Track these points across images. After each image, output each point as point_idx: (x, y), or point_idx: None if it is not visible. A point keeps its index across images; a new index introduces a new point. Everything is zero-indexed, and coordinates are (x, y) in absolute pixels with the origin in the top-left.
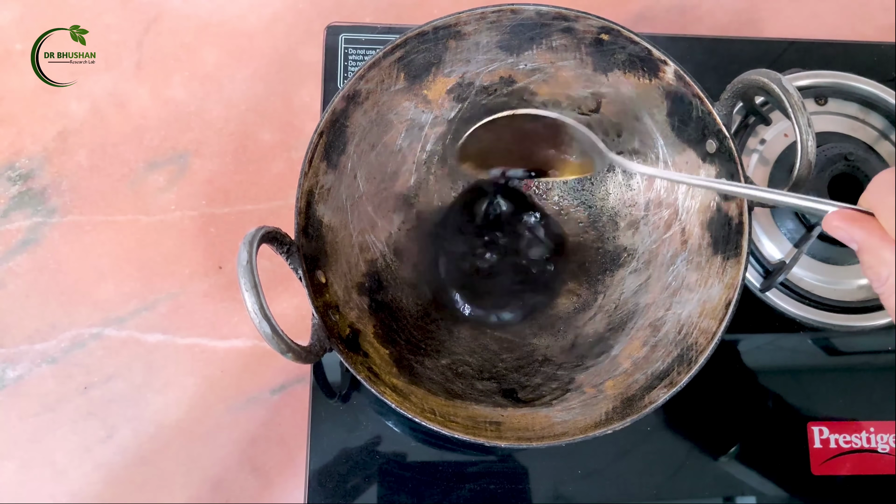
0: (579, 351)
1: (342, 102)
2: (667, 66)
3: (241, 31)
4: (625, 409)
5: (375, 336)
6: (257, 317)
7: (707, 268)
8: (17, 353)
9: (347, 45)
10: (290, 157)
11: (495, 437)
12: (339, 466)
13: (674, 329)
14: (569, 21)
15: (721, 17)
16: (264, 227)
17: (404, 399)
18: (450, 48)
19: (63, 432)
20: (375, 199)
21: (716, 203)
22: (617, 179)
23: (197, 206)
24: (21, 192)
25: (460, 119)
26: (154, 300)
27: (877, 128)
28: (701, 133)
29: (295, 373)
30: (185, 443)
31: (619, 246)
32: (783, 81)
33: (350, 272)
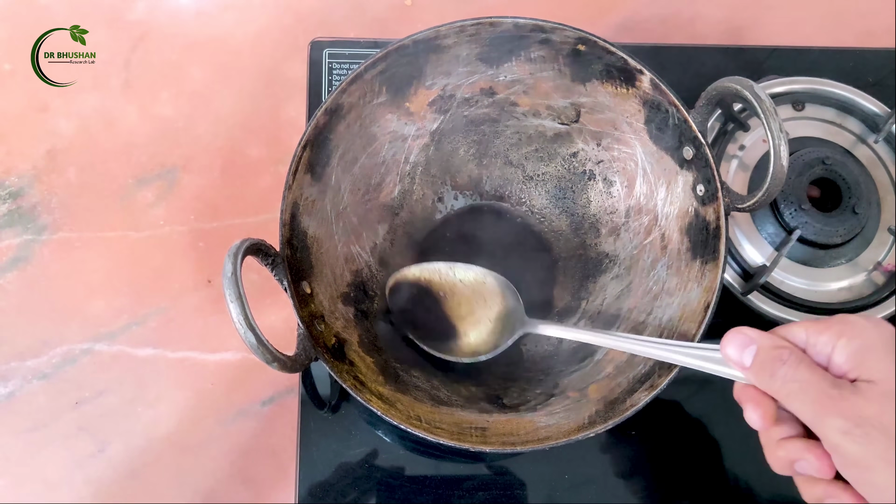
0: (563, 356)
1: (325, 116)
2: (643, 75)
3: (228, 47)
4: (607, 413)
5: (361, 345)
6: (242, 327)
7: (686, 272)
8: (9, 370)
9: (331, 59)
10: (277, 171)
11: (480, 442)
12: (330, 477)
13: (655, 333)
14: (546, 33)
15: (702, 27)
16: (249, 240)
17: (390, 406)
18: (430, 61)
19: (55, 448)
20: (360, 210)
21: (694, 208)
22: (598, 187)
23: (186, 221)
24: (11, 211)
25: (442, 130)
26: (144, 315)
27: (854, 132)
28: (678, 140)
29: (284, 384)
30: (177, 456)
31: (601, 252)
32: (755, 88)
33: (335, 282)
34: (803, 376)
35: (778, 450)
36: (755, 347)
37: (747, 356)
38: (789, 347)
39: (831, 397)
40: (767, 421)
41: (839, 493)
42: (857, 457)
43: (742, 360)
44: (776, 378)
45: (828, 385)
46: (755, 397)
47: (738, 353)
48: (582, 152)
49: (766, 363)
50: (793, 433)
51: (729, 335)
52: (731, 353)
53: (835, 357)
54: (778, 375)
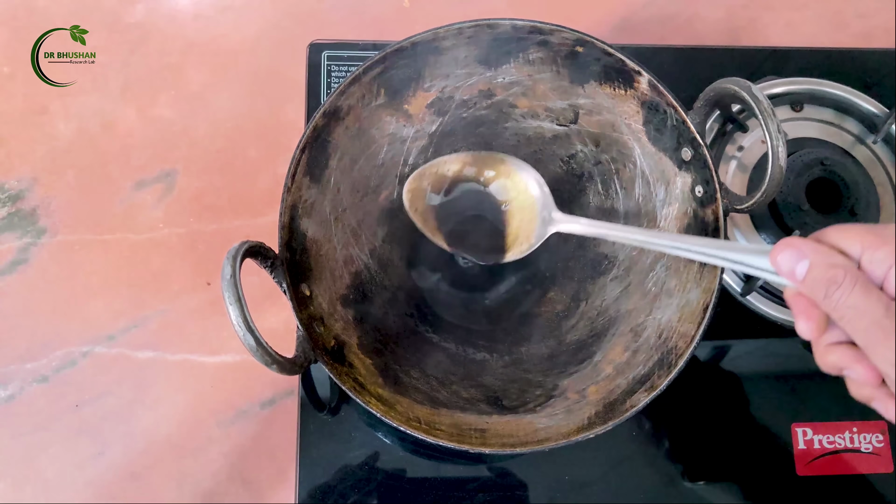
0: (563, 358)
1: (323, 119)
2: (641, 76)
3: (226, 50)
4: (607, 414)
5: (360, 347)
6: (241, 329)
7: (685, 273)
8: (8, 373)
9: (330, 61)
10: (276, 173)
11: (480, 443)
12: (329, 478)
13: (654, 334)
14: (544, 34)
15: (700, 28)
16: (248, 242)
17: (390, 408)
18: (429, 63)
19: (55, 450)
20: (359, 213)
21: (692, 209)
22: (596, 188)
23: (185, 223)
24: (10, 214)
25: (441, 132)
26: (143, 317)
27: (852, 132)
28: (676, 141)
29: (284, 386)
30: (176, 458)
31: (600, 254)
32: (753, 89)
33: (335, 284)
34: (857, 301)
35: (828, 354)
36: (808, 262)
37: (801, 269)
38: (843, 267)
39: (883, 327)
40: (818, 332)
41: (886, 399)
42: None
43: (795, 273)
44: (829, 299)
45: (882, 313)
46: (806, 309)
47: (790, 264)
48: (580, 154)
49: (820, 282)
50: (843, 338)
51: (781, 244)
52: (783, 263)
53: (891, 276)
54: (832, 297)
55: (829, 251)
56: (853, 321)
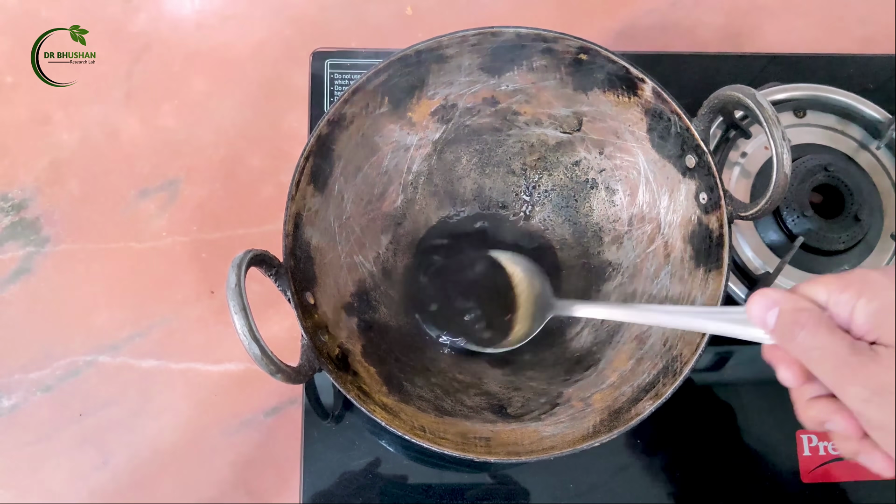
0: (567, 365)
1: (327, 127)
2: (645, 83)
3: (229, 58)
4: (612, 422)
5: (365, 355)
6: (246, 339)
7: (690, 280)
8: (12, 383)
9: (333, 69)
10: (279, 181)
11: (485, 452)
12: (334, 487)
13: (659, 341)
14: (548, 42)
15: (702, 34)
16: (252, 251)
17: (394, 417)
18: (432, 71)
19: (59, 460)
20: (363, 220)
21: (696, 217)
22: (600, 196)
23: (188, 231)
24: (14, 223)
25: (445, 140)
26: (147, 326)
27: (855, 138)
28: (680, 148)
29: (288, 395)
30: (181, 467)
31: (604, 261)
32: (757, 96)
33: (339, 293)
34: (822, 342)
35: (808, 409)
36: (777, 309)
37: (771, 317)
38: (808, 310)
39: (849, 364)
40: (800, 379)
41: (871, 450)
42: (880, 422)
43: (766, 322)
44: (795, 342)
45: (847, 351)
46: (784, 357)
47: (761, 313)
48: (584, 161)
49: (787, 326)
50: (823, 392)
51: (754, 297)
52: (755, 313)
53: (855, 317)
54: (798, 340)
55: (797, 298)
56: (820, 362)
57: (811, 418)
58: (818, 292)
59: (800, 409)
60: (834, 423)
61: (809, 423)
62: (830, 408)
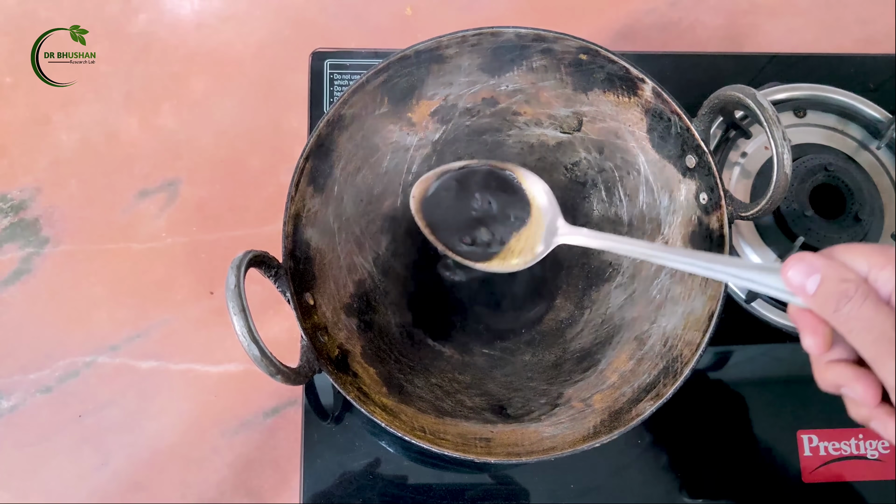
0: (567, 366)
1: (327, 128)
2: (645, 83)
3: (229, 59)
4: (612, 423)
5: (364, 356)
6: (246, 340)
7: (690, 280)
8: (12, 383)
9: (333, 70)
10: (279, 182)
11: (485, 453)
12: (334, 488)
13: (659, 342)
14: (548, 42)
15: (702, 34)
16: (252, 252)
17: (394, 418)
18: (432, 71)
19: (58, 461)
20: (362, 221)
21: (697, 217)
22: (600, 196)
23: (188, 232)
24: (13, 224)
25: (445, 140)
26: (147, 327)
27: (856, 138)
28: (680, 149)
29: (287, 396)
30: (180, 468)
31: (604, 261)
32: (758, 96)
33: (338, 293)
34: (867, 314)
35: (827, 371)
36: (819, 277)
37: (811, 284)
38: (855, 281)
39: (892, 340)
40: (825, 347)
41: (885, 419)
42: None
43: (805, 288)
44: (840, 313)
45: (890, 326)
46: (812, 324)
47: (801, 279)
48: (584, 161)
49: (831, 296)
50: (843, 356)
51: (792, 259)
52: (794, 277)
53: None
54: (842, 311)
55: (841, 266)
56: (862, 334)
57: (827, 380)
58: (858, 262)
59: (817, 370)
60: (852, 390)
61: (825, 384)
62: (849, 373)
